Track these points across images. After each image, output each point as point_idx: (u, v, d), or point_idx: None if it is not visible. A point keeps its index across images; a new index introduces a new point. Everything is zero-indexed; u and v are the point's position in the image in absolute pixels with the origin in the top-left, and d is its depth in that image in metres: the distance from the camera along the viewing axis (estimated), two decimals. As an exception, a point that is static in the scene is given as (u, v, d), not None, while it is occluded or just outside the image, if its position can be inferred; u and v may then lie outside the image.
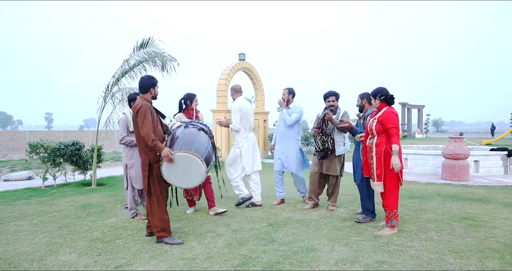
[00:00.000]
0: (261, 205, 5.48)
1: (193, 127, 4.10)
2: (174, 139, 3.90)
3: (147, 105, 3.76)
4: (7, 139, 21.11)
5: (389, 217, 4.07)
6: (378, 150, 4.02)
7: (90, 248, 3.69)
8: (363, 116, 4.81)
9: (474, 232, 4.09)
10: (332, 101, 5.12)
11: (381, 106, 4.11)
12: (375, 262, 3.24)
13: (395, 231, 4.05)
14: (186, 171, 3.75)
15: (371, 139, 4.13)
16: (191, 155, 3.69)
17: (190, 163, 3.72)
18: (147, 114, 3.69)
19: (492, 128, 36.63)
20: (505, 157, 9.12)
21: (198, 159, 3.71)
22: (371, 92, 4.23)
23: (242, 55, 14.37)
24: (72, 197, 6.37)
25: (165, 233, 3.84)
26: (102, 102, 7.32)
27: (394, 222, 4.06)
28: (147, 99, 3.91)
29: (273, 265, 3.20)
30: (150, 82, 3.94)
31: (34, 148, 7.36)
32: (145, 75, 4.07)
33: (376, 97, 4.10)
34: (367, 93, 4.79)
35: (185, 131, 4.01)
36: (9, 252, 3.57)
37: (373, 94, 4.14)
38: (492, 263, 3.21)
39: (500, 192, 6.58)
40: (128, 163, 4.85)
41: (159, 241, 3.83)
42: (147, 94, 3.93)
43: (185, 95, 5.21)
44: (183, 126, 4.11)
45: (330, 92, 5.17)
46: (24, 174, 9.11)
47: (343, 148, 5.13)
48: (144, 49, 6.95)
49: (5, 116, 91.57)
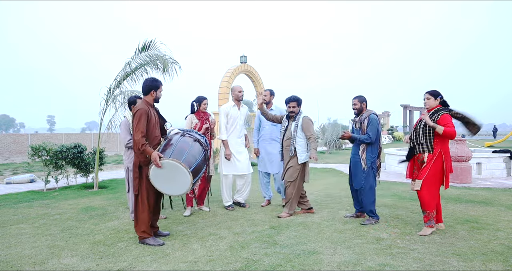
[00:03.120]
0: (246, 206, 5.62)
1: (189, 137, 4.10)
2: (167, 145, 3.92)
3: (144, 110, 3.78)
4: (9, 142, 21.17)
5: (427, 217, 4.13)
6: (434, 151, 4.07)
7: (92, 251, 3.69)
8: (359, 120, 4.72)
9: (477, 234, 4.07)
10: (292, 107, 5.01)
11: (435, 107, 4.16)
12: (378, 265, 3.23)
13: (434, 230, 4.15)
14: (171, 178, 3.77)
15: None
16: (179, 164, 3.70)
17: (177, 172, 3.73)
18: (142, 119, 3.74)
19: (494, 130, 36.55)
20: (507, 159, 9.09)
21: (185, 169, 3.70)
22: (430, 92, 4.19)
23: (243, 58, 14.42)
24: (74, 200, 6.37)
25: (146, 235, 3.88)
26: (104, 105, 7.34)
27: (432, 222, 4.13)
28: (148, 102, 3.94)
29: (275, 268, 3.19)
30: (152, 84, 3.96)
31: (37, 151, 7.37)
32: (149, 77, 4.09)
33: (437, 98, 4.16)
34: (364, 97, 4.78)
35: (180, 139, 4.02)
36: (11, 255, 3.57)
37: (434, 95, 4.16)
38: (495, 266, 3.19)
39: (503, 194, 6.55)
40: (130, 166, 4.85)
41: (141, 242, 3.87)
42: (148, 96, 3.96)
43: (196, 98, 5.36)
44: (180, 133, 4.13)
45: (291, 98, 5.05)
46: (26, 177, 9.11)
47: (307, 155, 4.97)
48: (146, 52, 6.97)
49: (8, 119, 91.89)
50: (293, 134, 4.96)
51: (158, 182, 3.79)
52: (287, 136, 5.05)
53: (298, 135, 4.94)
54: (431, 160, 4.08)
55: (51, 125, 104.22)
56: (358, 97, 4.78)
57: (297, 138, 4.94)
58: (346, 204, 5.79)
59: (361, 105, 4.74)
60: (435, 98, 4.17)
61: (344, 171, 10.30)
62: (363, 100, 4.75)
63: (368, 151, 4.62)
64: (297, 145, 4.94)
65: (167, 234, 4.20)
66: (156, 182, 3.79)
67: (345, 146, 21.89)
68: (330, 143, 20.28)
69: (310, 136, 4.92)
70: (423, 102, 4.27)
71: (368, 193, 4.63)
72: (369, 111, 4.73)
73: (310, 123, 5.00)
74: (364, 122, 4.64)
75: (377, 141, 4.64)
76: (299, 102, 5.07)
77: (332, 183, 8.23)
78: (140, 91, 7.00)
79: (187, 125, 5.28)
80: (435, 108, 4.16)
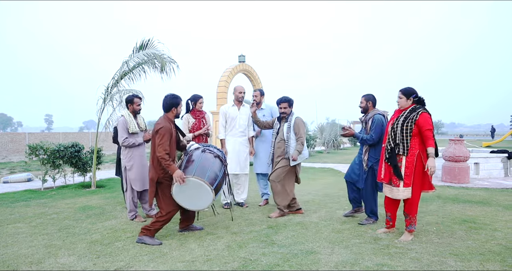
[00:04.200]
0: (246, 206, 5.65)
1: (209, 153, 4.20)
2: (189, 162, 4.05)
3: (168, 128, 3.91)
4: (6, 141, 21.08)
5: (410, 221, 3.94)
6: (411, 153, 3.85)
7: (89, 250, 3.67)
8: (364, 120, 4.60)
9: (475, 234, 4.08)
10: (284, 107, 4.95)
11: (410, 106, 3.95)
12: (376, 264, 3.23)
13: (412, 236, 3.97)
14: (194, 195, 3.91)
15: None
16: (204, 183, 3.84)
17: (200, 190, 3.88)
18: (165, 137, 3.85)
19: (492, 130, 36.62)
20: (505, 160, 9.10)
21: (209, 188, 3.85)
22: (403, 90, 3.97)
23: (242, 57, 14.39)
24: (72, 199, 6.35)
25: (150, 233, 3.92)
26: (102, 103, 7.32)
27: (413, 227, 3.95)
28: (170, 119, 4.06)
29: (272, 267, 3.19)
30: (173, 102, 4.04)
31: (34, 150, 7.34)
32: (168, 94, 4.11)
33: (409, 97, 3.93)
34: (372, 95, 4.62)
35: (202, 155, 4.12)
36: (8, 255, 3.55)
37: (406, 94, 3.94)
38: (493, 265, 3.19)
39: (501, 194, 6.56)
40: (127, 165, 4.83)
41: (139, 239, 3.89)
42: (169, 113, 4.06)
43: (191, 96, 5.32)
44: (201, 149, 4.22)
45: (282, 99, 4.98)
46: (23, 176, 9.07)
47: (300, 157, 4.91)
48: (144, 51, 6.95)
49: (5, 118, 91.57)
50: (286, 136, 4.90)
51: (180, 198, 3.93)
52: (280, 137, 4.99)
53: (291, 136, 4.89)
54: (411, 165, 3.84)
55: (49, 124, 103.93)
56: (366, 96, 4.62)
57: (290, 140, 4.88)
58: (344, 203, 5.78)
59: (367, 103, 4.59)
60: (407, 98, 3.95)
61: (343, 171, 10.30)
62: (369, 98, 4.58)
63: (371, 152, 4.49)
64: (291, 148, 4.87)
65: (201, 228, 4.39)
66: (178, 197, 3.92)
67: (343, 146, 21.90)
68: (328, 142, 20.28)
69: (299, 137, 4.86)
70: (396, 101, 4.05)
71: (370, 193, 4.58)
72: (374, 110, 4.55)
73: (302, 124, 4.94)
74: (368, 122, 4.52)
75: (381, 142, 4.33)
76: (290, 102, 4.99)
77: (330, 183, 8.23)
78: (137, 90, 6.98)
79: (183, 125, 5.26)
80: (410, 107, 3.94)
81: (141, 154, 4.92)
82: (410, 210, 3.93)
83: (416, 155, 3.84)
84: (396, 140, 3.91)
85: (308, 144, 17.97)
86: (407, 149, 3.84)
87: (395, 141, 3.91)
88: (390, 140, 3.96)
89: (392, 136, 3.94)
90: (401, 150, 3.87)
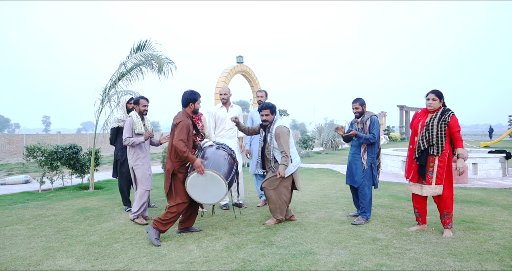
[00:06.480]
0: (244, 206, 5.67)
1: (223, 150, 4.29)
2: (203, 157, 4.13)
3: (187, 123, 4.04)
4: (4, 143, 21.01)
5: (450, 219, 4.09)
6: (443, 153, 4.01)
7: (88, 252, 3.66)
8: (361, 122, 4.79)
9: (473, 234, 4.09)
10: (265, 114, 4.60)
11: (439, 108, 4.09)
12: (374, 265, 3.23)
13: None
14: (207, 188, 3.98)
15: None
16: (219, 176, 3.92)
17: (214, 183, 3.95)
18: (184, 129, 3.98)
19: (490, 131, 36.73)
20: (503, 160, 9.13)
21: (224, 181, 3.92)
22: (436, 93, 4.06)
23: (240, 58, 14.40)
24: (70, 201, 6.33)
25: (161, 227, 3.96)
26: (100, 105, 7.30)
27: (452, 223, 4.13)
28: (188, 114, 4.18)
29: (271, 268, 3.18)
30: (190, 97, 4.18)
31: (32, 151, 7.32)
32: (188, 90, 4.26)
33: (441, 99, 4.08)
34: (363, 99, 4.85)
35: (216, 152, 4.22)
36: (6, 257, 3.54)
37: (439, 96, 4.06)
38: (491, 265, 3.20)
39: (499, 194, 6.58)
40: (134, 165, 4.83)
41: (148, 228, 3.95)
42: (187, 108, 4.20)
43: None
44: (215, 146, 4.30)
45: (264, 105, 4.63)
46: (21, 178, 9.05)
47: (292, 166, 4.59)
48: (141, 52, 6.93)
49: (3, 119, 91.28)
50: (270, 147, 4.57)
51: (193, 190, 4.00)
52: (266, 147, 4.66)
53: (276, 147, 4.56)
54: (444, 164, 4.01)
55: (47, 126, 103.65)
56: (359, 100, 4.83)
57: (276, 151, 4.56)
58: (343, 204, 5.79)
59: (362, 107, 4.83)
60: (440, 100, 4.07)
61: (341, 171, 10.31)
62: (363, 102, 4.84)
63: (369, 151, 4.72)
64: (278, 158, 4.56)
65: (200, 229, 4.40)
66: (191, 189, 3.98)
67: (342, 147, 21.92)
68: (326, 143, 20.29)
69: (282, 151, 4.46)
70: (427, 103, 4.08)
71: (366, 192, 4.69)
72: (369, 112, 4.83)
73: (284, 134, 4.49)
74: (366, 123, 4.73)
75: (378, 141, 4.75)
76: (272, 109, 4.63)
77: (329, 184, 8.23)
78: (135, 91, 6.97)
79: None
80: (440, 109, 4.09)
81: (146, 155, 4.92)
82: (448, 207, 4.08)
83: (448, 155, 4.03)
84: (431, 141, 4.03)
85: (307, 145, 17.97)
86: (442, 149, 4.00)
87: (430, 142, 4.03)
88: (423, 141, 4.07)
89: (427, 137, 4.05)
90: (435, 150, 4.02)
